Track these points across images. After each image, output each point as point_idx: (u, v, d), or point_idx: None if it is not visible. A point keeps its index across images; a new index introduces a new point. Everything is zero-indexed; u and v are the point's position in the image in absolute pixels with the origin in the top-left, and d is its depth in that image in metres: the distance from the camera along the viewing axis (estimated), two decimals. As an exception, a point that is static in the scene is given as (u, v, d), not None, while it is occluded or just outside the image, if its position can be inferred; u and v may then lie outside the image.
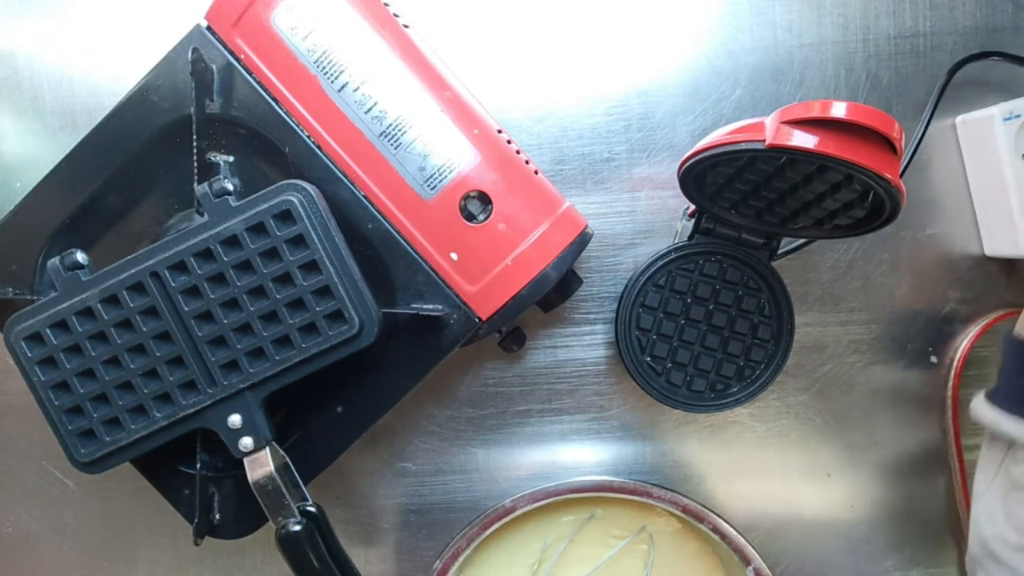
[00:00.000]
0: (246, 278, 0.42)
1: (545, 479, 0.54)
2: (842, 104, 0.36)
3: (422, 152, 0.46)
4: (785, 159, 0.41)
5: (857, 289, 0.55)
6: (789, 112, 0.38)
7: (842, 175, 0.40)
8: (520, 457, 0.56)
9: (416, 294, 0.47)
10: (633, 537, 0.53)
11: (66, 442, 0.43)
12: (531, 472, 0.56)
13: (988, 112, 0.52)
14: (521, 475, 0.56)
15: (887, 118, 0.36)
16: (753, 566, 0.49)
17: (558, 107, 0.54)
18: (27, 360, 0.42)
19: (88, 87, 0.54)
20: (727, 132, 0.42)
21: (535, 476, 0.56)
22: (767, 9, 0.54)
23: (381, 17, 0.45)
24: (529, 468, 0.56)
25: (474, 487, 0.56)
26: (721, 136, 0.42)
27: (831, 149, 0.37)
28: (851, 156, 0.37)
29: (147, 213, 0.47)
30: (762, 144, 0.39)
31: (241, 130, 0.46)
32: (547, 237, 0.46)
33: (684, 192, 0.48)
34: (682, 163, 0.45)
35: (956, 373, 0.55)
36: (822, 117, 0.37)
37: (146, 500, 0.49)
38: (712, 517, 0.50)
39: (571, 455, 0.56)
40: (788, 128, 0.38)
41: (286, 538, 0.42)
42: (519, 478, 0.56)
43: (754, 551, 0.49)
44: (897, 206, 0.40)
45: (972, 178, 0.54)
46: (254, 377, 0.42)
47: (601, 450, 0.56)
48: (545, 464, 0.56)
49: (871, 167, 0.37)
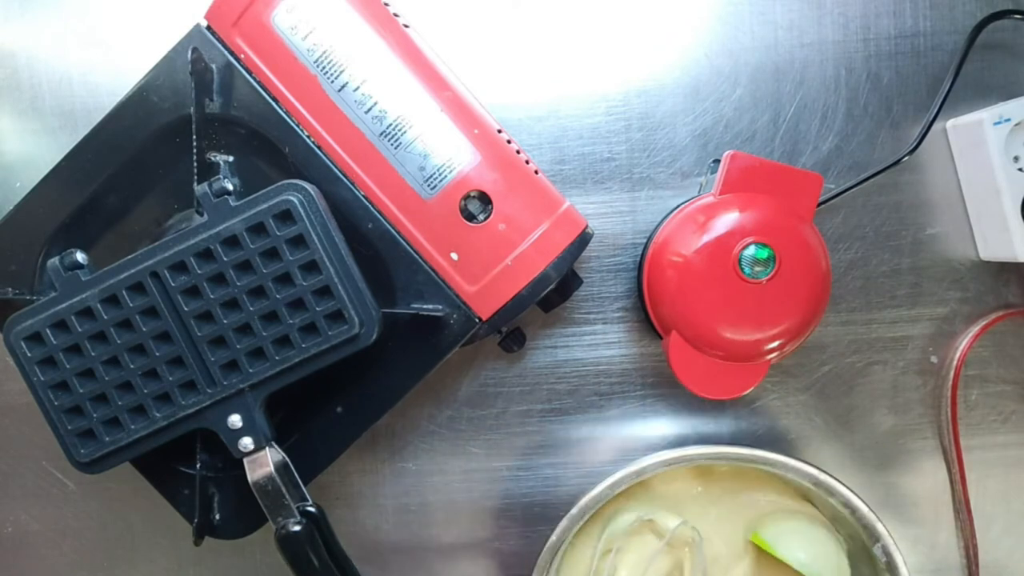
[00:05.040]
0: (246, 278, 0.42)
1: (550, 479, 0.54)
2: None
3: (422, 152, 0.46)
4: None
5: (857, 289, 0.55)
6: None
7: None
8: (521, 457, 0.56)
9: (416, 294, 0.47)
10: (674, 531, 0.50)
11: (66, 442, 0.43)
12: (531, 471, 0.56)
13: (978, 116, 0.51)
14: (521, 475, 0.56)
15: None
16: (882, 543, 0.47)
17: (558, 107, 0.54)
18: (27, 360, 0.42)
19: (88, 87, 0.54)
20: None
21: (535, 475, 0.56)
22: (767, 9, 0.54)
23: (381, 17, 0.45)
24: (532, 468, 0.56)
25: (474, 487, 0.56)
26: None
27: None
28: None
29: (147, 213, 0.47)
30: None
31: (241, 130, 0.46)
32: (547, 237, 0.46)
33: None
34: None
35: (956, 373, 0.55)
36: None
37: (146, 500, 0.49)
38: (843, 491, 0.48)
39: (574, 456, 0.56)
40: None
41: (286, 538, 0.42)
42: (518, 477, 0.56)
43: (884, 528, 0.48)
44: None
45: (964, 182, 0.54)
46: (254, 377, 0.42)
47: (600, 451, 0.56)
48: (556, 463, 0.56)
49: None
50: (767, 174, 0.49)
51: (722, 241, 0.47)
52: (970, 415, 0.56)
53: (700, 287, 0.48)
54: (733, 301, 0.48)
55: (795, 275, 0.47)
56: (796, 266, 0.47)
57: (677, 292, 0.49)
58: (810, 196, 0.49)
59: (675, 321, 0.49)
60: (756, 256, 0.47)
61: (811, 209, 0.49)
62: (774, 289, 0.47)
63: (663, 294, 0.50)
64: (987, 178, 0.51)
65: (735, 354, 0.49)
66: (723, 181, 0.49)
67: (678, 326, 0.49)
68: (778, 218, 0.48)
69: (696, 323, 0.49)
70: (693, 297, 0.48)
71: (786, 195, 0.49)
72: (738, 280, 0.47)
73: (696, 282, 0.48)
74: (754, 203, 0.48)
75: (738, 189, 0.49)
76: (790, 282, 0.47)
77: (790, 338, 0.49)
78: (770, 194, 0.49)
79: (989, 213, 0.53)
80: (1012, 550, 0.56)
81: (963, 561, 0.56)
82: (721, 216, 0.48)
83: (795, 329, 0.48)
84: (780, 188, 0.49)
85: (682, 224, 0.50)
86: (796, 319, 0.48)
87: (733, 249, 0.47)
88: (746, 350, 0.49)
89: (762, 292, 0.47)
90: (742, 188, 0.49)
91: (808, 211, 0.49)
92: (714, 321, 0.48)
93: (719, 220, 0.48)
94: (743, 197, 0.49)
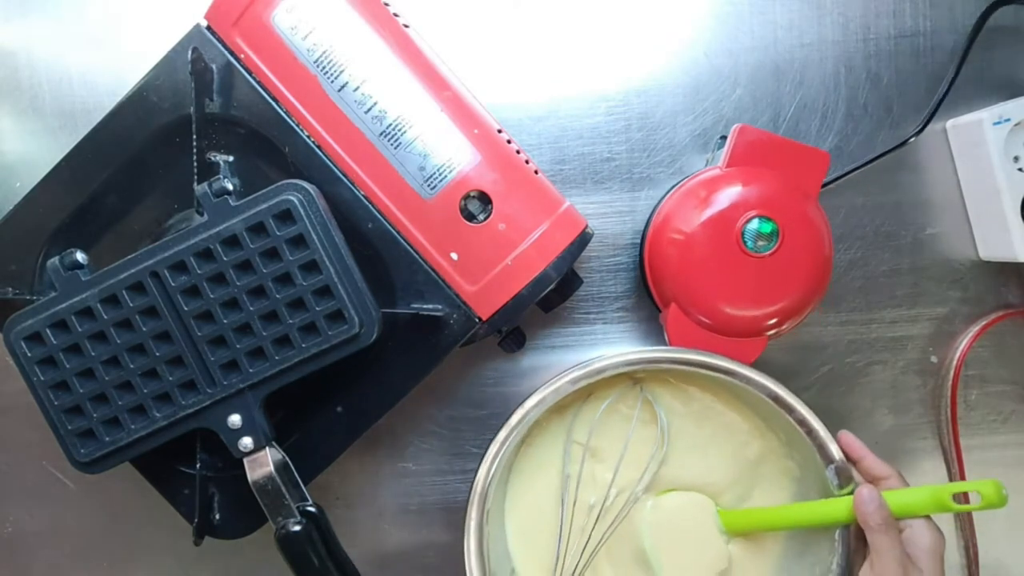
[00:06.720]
0: (246, 278, 0.42)
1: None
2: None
3: (422, 152, 0.46)
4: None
5: (857, 289, 0.55)
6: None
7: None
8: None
9: (416, 294, 0.47)
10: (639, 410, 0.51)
11: (65, 442, 0.43)
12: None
13: (978, 116, 0.51)
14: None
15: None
16: (835, 465, 0.46)
17: (558, 107, 0.54)
18: (27, 360, 0.42)
19: (88, 87, 0.54)
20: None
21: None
22: (767, 9, 0.54)
23: (381, 17, 0.45)
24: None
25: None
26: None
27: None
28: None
29: (147, 213, 0.47)
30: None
31: (241, 130, 0.46)
32: (547, 237, 0.46)
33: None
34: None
35: (956, 373, 0.55)
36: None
37: (146, 500, 0.49)
38: (801, 410, 0.47)
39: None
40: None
41: (286, 538, 0.42)
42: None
43: (837, 449, 0.46)
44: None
45: (964, 182, 0.54)
46: (254, 377, 0.42)
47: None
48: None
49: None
50: (775, 149, 0.49)
51: (726, 214, 0.47)
52: (970, 415, 0.56)
53: (702, 260, 0.48)
54: (734, 274, 0.47)
55: (798, 251, 0.47)
56: (799, 242, 0.47)
57: (679, 264, 0.49)
58: (817, 173, 0.49)
59: (675, 293, 0.49)
60: (760, 230, 0.47)
61: (817, 186, 0.49)
62: (776, 264, 0.47)
63: (664, 266, 0.50)
64: (987, 178, 0.51)
65: (733, 328, 0.49)
66: (730, 154, 0.49)
67: (678, 298, 0.49)
68: (783, 193, 0.48)
69: (696, 295, 0.48)
70: (694, 269, 0.48)
71: (793, 171, 0.49)
72: (740, 254, 0.47)
73: (698, 254, 0.48)
74: (760, 177, 0.48)
75: (745, 163, 0.49)
76: (793, 258, 0.47)
77: (789, 315, 0.48)
78: (777, 169, 0.49)
79: (989, 213, 0.53)
80: (1012, 550, 0.56)
81: (963, 561, 0.56)
82: (726, 189, 0.48)
83: (795, 306, 0.48)
84: (787, 163, 0.49)
85: (686, 196, 0.50)
86: (797, 295, 0.48)
87: (737, 222, 0.47)
88: (745, 324, 0.49)
89: (764, 266, 0.47)
90: (749, 162, 0.49)
91: (814, 188, 0.49)
92: (714, 294, 0.48)
93: (724, 193, 0.48)
94: (749, 171, 0.49)
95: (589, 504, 0.51)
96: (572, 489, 0.51)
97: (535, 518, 0.52)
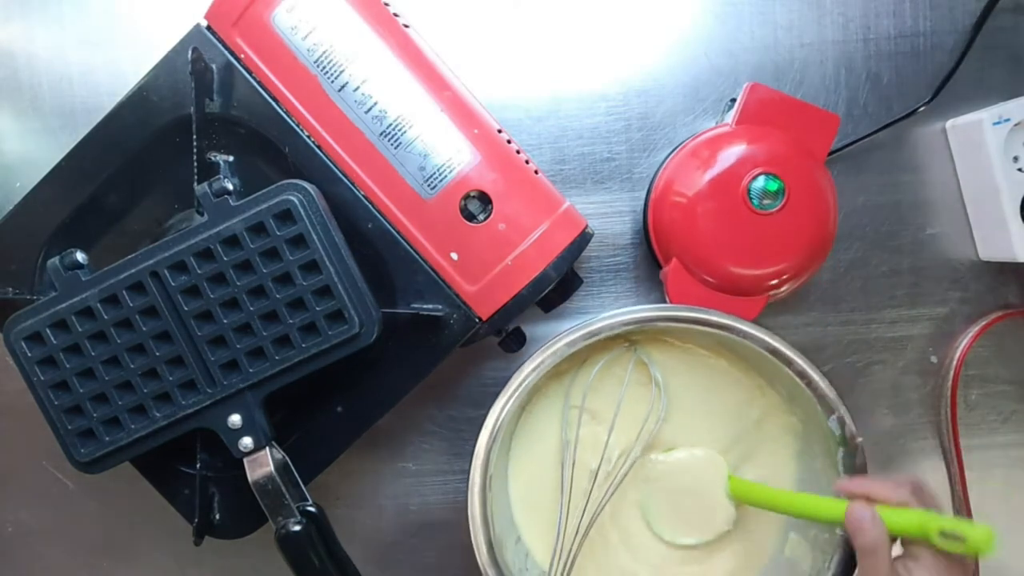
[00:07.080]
0: (246, 278, 0.42)
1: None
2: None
3: (422, 152, 0.46)
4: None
5: (857, 289, 0.55)
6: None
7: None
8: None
9: (416, 294, 0.47)
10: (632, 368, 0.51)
11: (65, 442, 0.43)
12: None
13: (978, 116, 0.51)
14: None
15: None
16: (837, 415, 0.46)
17: (558, 107, 0.54)
18: (27, 360, 0.42)
19: (88, 87, 0.54)
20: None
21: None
22: (767, 9, 0.54)
23: (381, 17, 0.45)
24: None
25: (474, 487, 0.56)
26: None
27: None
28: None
29: (147, 213, 0.47)
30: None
31: (241, 130, 0.46)
32: (547, 237, 0.46)
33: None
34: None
35: (956, 373, 0.55)
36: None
37: (146, 500, 0.49)
38: (800, 362, 0.47)
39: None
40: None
41: (286, 538, 0.42)
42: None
43: (838, 399, 0.46)
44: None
45: (964, 182, 0.54)
46: (254, 377, 0.42)
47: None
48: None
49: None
50: (785, 109, 0.49)
51: (733, 170, 0.47)
52: (970, 415, 0.56)
53: (707, 216, 0.48)
54: (739, 232, 0.47)
55: (803, 211, 0.47)
56: (805, 202, 0.47)
57: (683, 219, 0.48)
58: (826, 135, 0.49)
59: (678, 248, 0.49)
60: (766, 188, 0.47)
61: (826, 148, 0.49)
62: (781, 223, 0.47)
63: (669, 221, 0.49)
64: (986, 178, 0.51)
65: (734, 286, 0.49)
66: (741, 111, 0.49)
67: (680, 253, 0.49)
68: (791, 152, 0.48)
69: (699, 251, 0.48)
70: (699, 225, 0.48)
71: (802, 132, 0.49)
72: (746, 210, 0.47)
73: (703, 210, 0.48)
74: (768, 136, 0.48)
75: (755, 122, 0.49)
76: (798, 217, 0.47)
77: (791, 275, 0.48)
78: (786, 130, 0.49)
79: (988, 213, 0.53)
80: (1012, 550, 0.56)
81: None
82: (734, 146, 0.48)
83: (797, 266, 0.48)
84: (797, 124, 0.49)
85: (694, 152, 0.49)
86: (800, 256, 0.48)
87: (743, 179, 0.47)
88: (746, 282, 0.49)
89: (769, 225, 0.47)
90: (759, 121, 0.49)
91: (822, 150, 0.49)
92: (718, 250, 0.48)
93: (731, 149, 0.48)
94: (757, 129, 0.49)
95: (592, 468, 0.51)
96: (571, 453, 0.51)
97: (538, 485, 0.52)
